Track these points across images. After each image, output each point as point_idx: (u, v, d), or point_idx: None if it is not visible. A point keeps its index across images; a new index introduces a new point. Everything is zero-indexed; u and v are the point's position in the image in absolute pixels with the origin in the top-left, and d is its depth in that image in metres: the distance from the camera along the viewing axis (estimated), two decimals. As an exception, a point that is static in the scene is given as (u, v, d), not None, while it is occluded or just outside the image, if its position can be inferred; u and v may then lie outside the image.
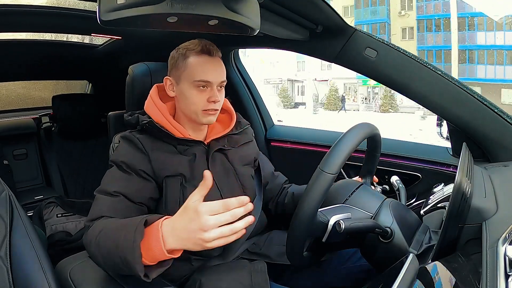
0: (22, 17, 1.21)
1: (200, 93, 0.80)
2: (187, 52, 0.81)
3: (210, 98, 0.80)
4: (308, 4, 0.83)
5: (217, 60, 0.82)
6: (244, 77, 1.51)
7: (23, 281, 0.67)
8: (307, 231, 0.65)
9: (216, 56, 0.82)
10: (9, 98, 2.25)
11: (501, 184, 0.72)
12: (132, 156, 0.79)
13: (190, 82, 0.80)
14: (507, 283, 0.43)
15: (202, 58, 0.80)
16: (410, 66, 0.91)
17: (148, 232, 0.60)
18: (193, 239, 0.57)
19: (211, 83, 0.80)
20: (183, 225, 0.57)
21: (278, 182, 1.08)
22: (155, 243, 0.59)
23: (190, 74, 0.80)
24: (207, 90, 0.81)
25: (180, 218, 0.58)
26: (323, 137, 1.38)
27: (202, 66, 0.80)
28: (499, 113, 0.87)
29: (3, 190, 0.72)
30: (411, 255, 0.57)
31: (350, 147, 0.67)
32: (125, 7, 0.51)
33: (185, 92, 0.81)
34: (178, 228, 0.58)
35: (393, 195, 0.87)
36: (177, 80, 0.83)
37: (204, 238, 0.56)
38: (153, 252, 0.59)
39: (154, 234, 0.59)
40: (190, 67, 0.80)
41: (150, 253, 0.60)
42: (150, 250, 0.59)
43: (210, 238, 0.56)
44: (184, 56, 0.81)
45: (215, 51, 0.81)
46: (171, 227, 0.59)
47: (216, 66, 0.81)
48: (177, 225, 0.58)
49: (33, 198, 1.81)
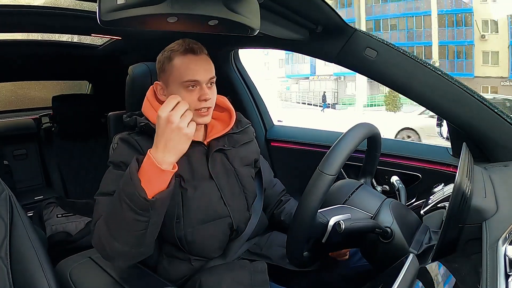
0: (22, 17, 1.21)
1: (190, 93, 0.79)
2: (172, 54, 0.80)
3: (201, 96, 0.79)
4: (308, 4, 0.83)
5: (203, 57, 0.81)
6: (244, 77, 1.51)
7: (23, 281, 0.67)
8: (307, 233, 0.65)
9: (201, 54, 0.81)
10: (9, 98, 2.25)
11: (501, 184, 0.72)
12: (130, 157, 0.79)
13: (178, 84, 0.79)
14: (507, 283, 0.43)
15: (187, 58, 0.79)
16: (410, 66, 0.91)
17: (142, 164, 0.66)
18: (174, 138, 0.65)
19: (199, 81, 0.79)
20: (159, 136, 0.65)
21: (276, 190, 1.08)
22: (148, 165, 0.65)
23: (177, 76, 0.79)
24: (196, 89, 0.80)
25: (156, 135, 0.66)
26: (323, 137, 1.38)
27: (188, 66, 0.79)
28: (499, 113, 0.87)
29: (3, 190, 0.72)
30: (411, 255, 0.57)
31: (349, 148, 0.67)
32: (125, 7, 0.51)
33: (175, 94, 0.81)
34: (158, 140, 0.65)
35: (393, 195, 0.87)
36: (166, 84, 0.82)
37: (179, 127, 0.64)
38: (150, 174, 0.64)
39: (146, 160, 0.65)
40: (176, 69, 0.79)
41: (148, 176, 0.64)
42: (148, 174, 0.64)
43: (183, 125, 0.64)
44: (169, 58, 0.81)
45: (199, 49, 0.80)
46: (154, 148, 0.66)
47: (203, 64, 0.80)
48: (156, 140, 0.66)
49: (33, 198, 1.81)
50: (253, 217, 0.93)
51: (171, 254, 0.84)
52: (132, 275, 0.75)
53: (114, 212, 0.67)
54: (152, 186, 0.64)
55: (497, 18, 16.59)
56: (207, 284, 0.77)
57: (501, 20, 16.56)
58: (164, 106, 0.65)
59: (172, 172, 0.66)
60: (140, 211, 0.64)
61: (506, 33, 16.37)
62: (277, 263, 0.89)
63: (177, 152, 0.66)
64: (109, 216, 0.68)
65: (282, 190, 1.10)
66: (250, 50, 1.45)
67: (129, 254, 0.70)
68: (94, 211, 0.75)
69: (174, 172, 0.67)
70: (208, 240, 0.84)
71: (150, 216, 0.65)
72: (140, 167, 0.65)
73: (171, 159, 0.65)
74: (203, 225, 0.82)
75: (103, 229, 0.69)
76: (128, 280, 0.74)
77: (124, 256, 0.70)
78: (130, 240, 0.67)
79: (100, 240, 0.69)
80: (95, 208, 0.75)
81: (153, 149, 0.66)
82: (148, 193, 0.64)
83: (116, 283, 0.74)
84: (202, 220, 0.82)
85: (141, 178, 0.64)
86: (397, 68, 0.92)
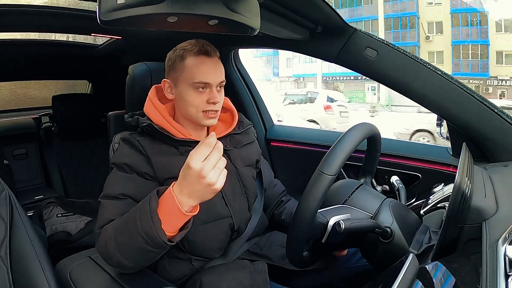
0: (22, 17, 1.21)
1: (199, 95, 0.79)
2: (184, 53, 0.80)
3: (210, 99, 0.79)
4: (308, 4, 0.83)
5: (216, 60, 0.81)
6: (244, 77, 1.51)
7: (23, 281, 0.67)
8: (307, 233, 0.65)
9: (214, 56, 0.80)
10: (9, 98, 2.25)
11: (501, 184, 0.72)
12: (133, 159, 0.79)
13: (188, 84, 0.79)
14: (507, 283, 0.43)
15: (200, 59, 0.79)
16: (410, 66, 0.91)
17: (162, 200, 0.63)
18: (202, 189, 0.61)
19: (210, 84, 0.79)
20: (188, 183, 0.61)
21: (276, 191, 1.08)
22: (171, 206, 0.62)
23: (188, 75, 0.79)
24: (206, 92, 0.79)
25: (183, 178, 0.62)
26: (323, 137, 1.38)
27: (200, 67, 0.78)
28: (499, 113, 0.87)
29: (3, 190, 0.72)
30: (411, 255, 0.57)
31: (349, 148, 0.66)
32: (125, 7, 0.51)
33: (183, 94, 0.80)
34: (185, 186, 0.61)
35: (393, 195, 0.87)
36: (175, 82, 0.82)
37: (209, 183, 0.59)
38: (171, 215, 0.62)
39: (168, 198, 0.62)
40: (188, 68, 0.79)
41: (168, 218, 0.62)
42: (168, 214, 0.62)
43: (214, 180, 0.60)
44: (182, 57, 0.80)
45: (213, 51, 0.80)
46: (179, 189, 0.62)
47: (215, 67, 0.80)
48: (183, 185, 0.61)
49: (33, 198, 1.81)
50: (253, 217, 0.93)
51: (172, 254, 0.84)
52: (132, 274, 0.75)
53: (127, 235, 0.65)
54: (171, 226, 0.63)
55: (441, 19, 17.36)
56: (208, 284, 0.77)
57: (445, 21, 17.40)
58: (196, 155, 0.59)
59: (193, 215, 0.65)
60: (156, 247, 0.64)
61: (449, 33, 17.26)
62: (277, 263, 0.89)
63: (201, 200, 0.63)
64: (121, 235, 0.66)
65: (283, 190, 1.10)
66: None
67: (134, 268, 0.71)
68: (99, 214, 0.74)
69: (194, 215, 0.65)
70: (209, 241, 0.84)
71: (166, 250, 0.66)
72: (160, 198, 0.64)
73: (193, 204, 0.63)
74: (204, 225, 0.82)
75: (111, 241, 0.67)
76: (128, 280, 0.74)
77: (128, 268, 0.70)
78: (138, 261, 0.68)
79: (107, 249, 0.68)
80: (100, 212, 0.74)
81: (177, 189, 0.62)
82: (167, 233, 0.63)
83: (116, 283, 0.74)
84: (203, 221, 0.82)
85: (161, 218, 0.62)
86: (397, 68, 0.92)
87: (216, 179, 0.60)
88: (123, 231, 0.66)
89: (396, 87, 0.95)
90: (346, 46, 0.95)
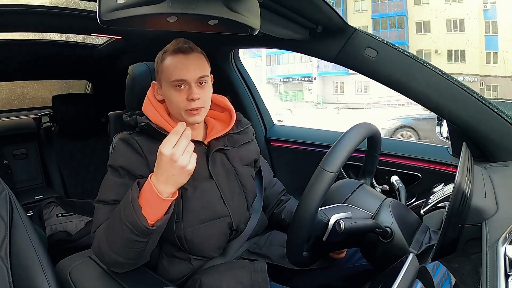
0: (22, 17, 1.21)
1: (179, 93, 0.80)
2: (164, 54, 0.82)
3: (189, 96, 0.79)
4: (308, 4, 0.83)
5: (193, 56, 0.80)
6: (244, 77, 1.51)
7: (23, 281, 0.67)
8: (307, 230, 0.65)
9: (190, 53, 0.80)
10: (9, 98, 2.24)
11: (501, 184, 0.72)
12: (129, 161, 0.79)
13: (168, 83, 0.80)
14: (507, 283, 0.43)
15: (176, 58, 0.80)
16: (410, 66, 0.91)
17: (142, 191, 0.68)
18: (176, 174, 0.66)
19: (187, 81, 0.79)
20: (162, 170, 0.66)
21: (276, 190, 1.07)
22: (150, 194, 0.67)
23: (167, 75, 0.80)
24: (185, 89, 0.80)
25: (157, 166, 0.67)
26: (323, 137, 1.38)
27: (176, 66, 0.79)
28: (499, 113, 0.87)
29: (3, 190, 0.72)
30: (411, 255, 0.57)
31: (351, 146, 0.67)
32: (125, 7, 0.51)
33: (167, 94, 0.82)
34: (161, 174, 0.66)
35: (393, 195, 0.87)
36: (160, 84, 0.84)
37: (182, 166, 0.65)
38: (152, 202, 0.67)
39: (147, 187, 0.68)
40: (166, 68, 0.80)
41: (149, 205, 0.67)
42: (149, 202, 0.67)
43: (185, 162, 0.66)
44: (162, 58, 0.82)
45: (188, 49, 0.80)
46: (156, 178, 0.67)
47: (191, 64, 0.79)
48: (159, 173, 0.67)
49: (33, 198, 1.81)
50: (253, 216, 0.93)
51: (171, 254, 0.84)
52: (132, 274, 0.75)
53: (114, 229, 0.69)
54: (152, 213, 0.68)
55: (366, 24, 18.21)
56: (207, 283, 0.77)
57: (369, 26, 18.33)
58: (165, 143, 0.65)
59: (171, 200, 0.69)
60: (140, 235, 0.67)
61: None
62: (277, 262, 0.89)
63: (178, 185, 0.69)
64: (109, 231, 0.71)
65: (282, 189, 1.09)
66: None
67: (127, 264, 0.73)
68: (93, 217, 0.77)
69: (173, 200, 0.70)
70: (208, 240, 0.84)
71: (150, 238, 0.69)
72: (140, 190, 0.68)
73: (171, 190, 0.68)
74: (203, 224, 0.82)
75: (102, 240, 0.71)
76: (128, 280, 0.74)
77: (122, 265, 0.73)
78: (129, 254, 0.71)
79: (100, 249, 0.72)
80: (94, 215, 0.77)
81: (154, 178, 0.67)
82: (148, 219, 0.67)
83: (116, 283, 0.74)
84: (202, 220, 0.82)
85: (142, 205, 0.66)
86: (397, 68, 0.92)
87: (188, 161, 0.66)
88: (111, 226, 0.70)
89: (396, 86, 0.95)
90: (346, 46, 0.95)
